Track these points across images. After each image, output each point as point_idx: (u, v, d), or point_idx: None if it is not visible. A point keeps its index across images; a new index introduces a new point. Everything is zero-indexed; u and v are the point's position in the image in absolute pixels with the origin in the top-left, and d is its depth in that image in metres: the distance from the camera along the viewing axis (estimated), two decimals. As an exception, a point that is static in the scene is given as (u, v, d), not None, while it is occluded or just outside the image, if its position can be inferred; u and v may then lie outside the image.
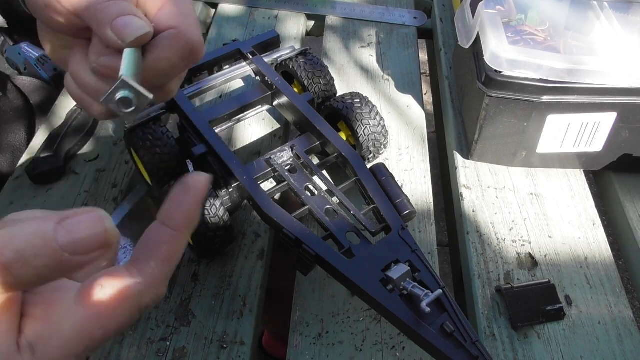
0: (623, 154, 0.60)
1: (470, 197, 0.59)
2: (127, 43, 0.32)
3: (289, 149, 0.53)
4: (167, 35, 0.34)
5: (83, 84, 0.36)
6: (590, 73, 0.53)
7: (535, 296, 0.50)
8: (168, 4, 0.35)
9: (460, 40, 0.63)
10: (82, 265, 0.22)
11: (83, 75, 0.36)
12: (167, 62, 0.34)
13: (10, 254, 0.21)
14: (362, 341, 0.48)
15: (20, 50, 0.91)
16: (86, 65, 0.36)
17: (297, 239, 0.44)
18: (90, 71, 0.35)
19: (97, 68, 0.34)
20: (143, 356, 0.47)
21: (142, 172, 0.56)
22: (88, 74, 0.36)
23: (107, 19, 0.32)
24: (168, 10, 0.34)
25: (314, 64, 0.61)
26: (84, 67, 0.36)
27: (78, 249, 0.21)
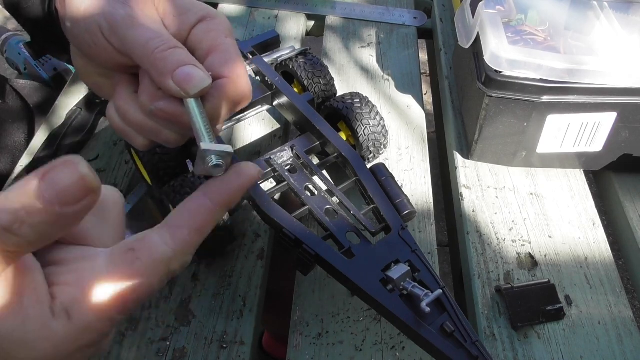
0: (623, 154, 0.60)
1: (470, 197, 0.59)
2: (190, 95, 0.33)
3: (289, 149, 0.53)
4: (221, 85, 0.34)
5: (130, 120, 0.37)
6: (590, 73, 0.53)
7: (535, 296, 0.50)
8: (218, 50, 0.35)
9: (460, 40, 0.63)
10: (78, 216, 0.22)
11: (131, 112, 0.37)
12: (222, 110, 0.35)
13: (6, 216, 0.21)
14: (362, 341, 0.48)
15: (20, 51, 0.91)
16: (134, 102, 0.37)
17: (297, 239, 0.44)
18: (138, 108, 0.36)
19: (155, 112, 0.35)
20: (143, 356, 0.47)
21: (142, 172, 0.56)
22: (136, 111, 0.37)
23: (168, 69, 0.33)
24: (219, 58, 0.35)
25: (314, 64, 0.61)
26: (131, 104, 0.37)
27: (64, 200, 0.21)
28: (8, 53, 0.94)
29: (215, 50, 0.35)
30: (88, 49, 0.36)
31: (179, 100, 0.34)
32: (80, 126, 0.64)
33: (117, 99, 0.38)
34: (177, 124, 0.35)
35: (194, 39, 0.36)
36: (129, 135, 0.38)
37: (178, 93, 0.33)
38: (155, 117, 0.35)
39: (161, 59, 0.33)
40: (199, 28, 0.36)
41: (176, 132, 0.37)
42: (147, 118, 0.36)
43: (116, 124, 0.38)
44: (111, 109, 0.38)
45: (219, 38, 0.36)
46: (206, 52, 0.35)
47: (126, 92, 0.37)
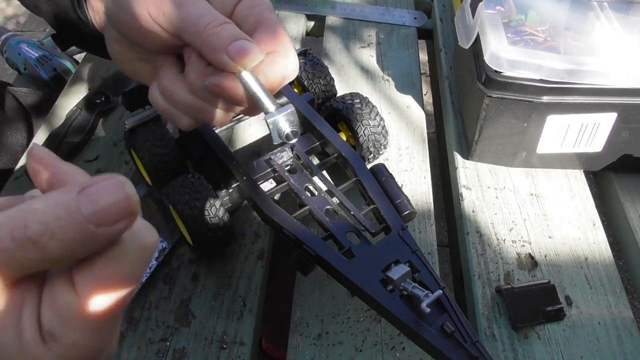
0: (623, 154, 0.60)
1: (470, 198, 0.59)
2: (247, 69, 0.34)
3: (288, 149, 0.53)
4: (272, 59, 0.35)
5: (177, 100, 0.37)
6: (590, 73, 0.53)
7: (535, 296, 0.50)
8: (265, 25, 0.36)
9: (460, 40, 0.63)
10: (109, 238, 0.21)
11: (178, 92, 0.37)
12: (272, 84, 0.36)
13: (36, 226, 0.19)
14: (362, 341, 0.48)
15: (20, 51, 0.91)
16: (180, 82, 0.37)
17: (297, 239, 0.44)
18: (185, 88, 0.37)
19: (210, 87, 0.35)
20: (143, 356, 0.47)
21: (142, 172, 0.56)
22: (184, 91, 0.37)
23: (222, 44, 0.33)
24: (266, 32, 0.36)
25: (314, 64, 0.61)
26: (178, 84, 0.37)
27: (102, 218, 0.20)
28: (8, 53, 0.94)
29: (261, 25, 0.36)
30: (134, 33, 0.36)
31: (232, 75, 0.35)
32: (80, 126, 0.64)
33: (163, 79, 0.38)
34: (229, 99, 0.36)
35: (239, 15, 0.36)
36: (175, 115, 0.39)
37: (234, 67, 0.33)
38: (210, 92, 0.36)
39: (214, 34, 0.33)
40: (243, 4, 0.37)
41: (223, 109, 0.38)
42: (194, 97, 0.37)
43: (161, 105, 0.39)
44: (155, 91, 0.39)
45: (264, 13, 0.36)
46: (253, 26, 0.36)
47: (172, 73, 0.38)
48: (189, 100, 0.37)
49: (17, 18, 2.32)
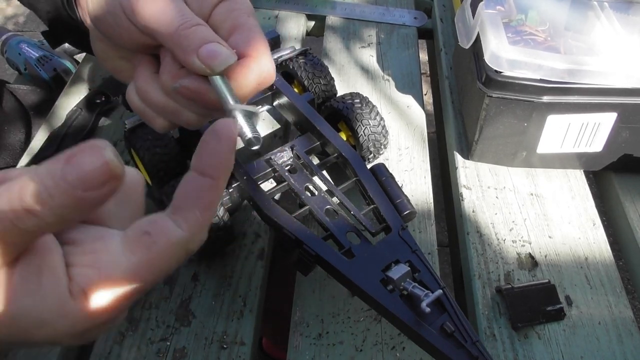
0: (623, 154, 0.60)
1: (470, 197, 0.59)
2: (215, 72, 0.33)
3: (289, 149, 0.53)
4: (245, 64, 0.34)
5: (151, 100, 0.37)
6: (590, 73, 0.53)
7: (535, 296, 0.50)
8: (242, 29, 0.35)
9: (460, 40, 0.63)
10: (99, 201, 0.22)
11: (152, 93, 0.37)
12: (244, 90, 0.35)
13: (29, 198, 0.21)
14: (362, 341, 0.48)
15: (20, 51, 0.91)
16: (155, 82, 0.37)
17: (297, 239, 0.44)
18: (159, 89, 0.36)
19: (179, 89, 0.35)
20: (143, 356, 0.47)
21: (142, 172, 0.56)
22: (157, 92, 0.37)
23: (192, 46, 0.33)
24: (242, 37, 0.35)
25: (314, 64, 0.61)
26: (152, 85, 0.37)
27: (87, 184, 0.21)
28: (8, 53, 0.94)
29: (238, 29, 0.35)
30: (110, 31, 0.36)
31: (203, 78, 0.34)
32: (80, 126, 0.64)
33: (138, 79, 0.38)
34: (200, 102, 0.36)
35: (217, 18, 0.36)
36: (149, 116, 0.38)
37: (203, 70, 0.33)
38: (180, 95, 0.35)
39: (185, 36, 0.33)
40: (221, 7, 0.36)
41: (197, 113, 0.37)
42: (168, 98, 0.36)
43: (136, 105, 0.38)
44: (131, 90, 0.38)
45: (241, 17, 0.36)
46: (229, 31, 0.35)
47: (147, 73, 0.37)
48: (163, 102, 0.37)
49: (17, 18, 2.32)
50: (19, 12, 2.34)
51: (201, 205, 0.27)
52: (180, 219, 0.26)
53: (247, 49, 0.35)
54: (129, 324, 0.49)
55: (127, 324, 0.49)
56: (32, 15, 2.30)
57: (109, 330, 0.26)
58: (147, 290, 0.26)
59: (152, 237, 0.25)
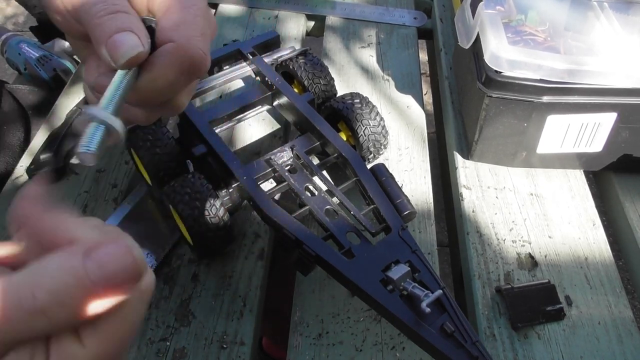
0: (623, 154, 0.60)
1: (470, 198, 0.59)
2: (118, 65, 0.30)
3: (289, 149, 0.53)
4: (165, 51, 0.31)
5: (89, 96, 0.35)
6: (590, 73, 0.53)
7: (535, 296, 0.50)
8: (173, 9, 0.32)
9: (460, 40, 0.63)
10: (115, 299, 0.20)
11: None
12: (164, 80, 0.31)
13: (45, 296, 0.18)
14: (362, 341, 0.48)
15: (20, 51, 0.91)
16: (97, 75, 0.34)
17: (297, 239, 0.44)
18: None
19: (94, 87, 0.32)
20: (143, 356, 0.47)
21: (142, 172, 0.56)
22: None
23: (103, 36, 0.30)
24: (171, 19, 0.31)
25: (314, 64, 0.61)
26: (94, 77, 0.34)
27: (111, 283, 0.19)
28: (8, 53, 0.94)
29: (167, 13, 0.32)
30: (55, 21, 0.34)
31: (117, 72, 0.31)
32: (80, 126, 0.64)
33: (85, 73, 0.35)
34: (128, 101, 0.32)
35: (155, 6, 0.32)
36: None
37: (109, 63, 0.30)
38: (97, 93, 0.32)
39: (98, 24, 0.30)
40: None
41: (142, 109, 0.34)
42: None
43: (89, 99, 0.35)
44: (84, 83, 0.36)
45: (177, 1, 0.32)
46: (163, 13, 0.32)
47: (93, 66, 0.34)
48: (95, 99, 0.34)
49: (17, 18, 2.32)
50: (19, 11, 2.34)
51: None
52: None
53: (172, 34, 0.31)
54: (129, 324, 0.49)
55: (127, 324, 0.49)
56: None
57: None
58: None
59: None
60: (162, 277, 0.52)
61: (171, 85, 0.32)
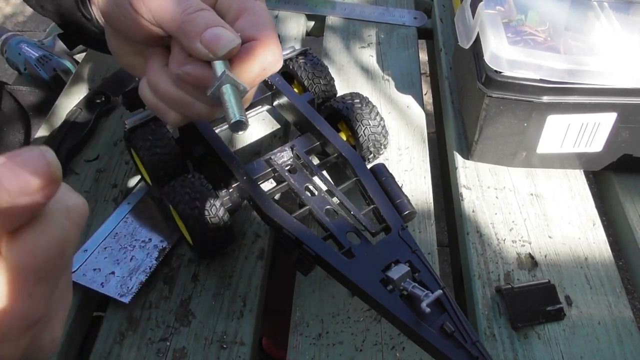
0: (623, 154, 0.60)
1: (470, 198, 0.59)
2: (218, 56, 0.33)
3: (289, 149, 0.53)
4: (250, 47, 0.34)
5: (161, 92, 0.36)
6: (590, 73, 0.53)
7: (535, 296, 0.50)
8: (248, 13, 0.35)
9: (460, 40, 0.63)
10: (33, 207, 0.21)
11: (162, 84, 0.36)
12: (252, 73, 0.34)
13: None
14: (362, 341, 0.48)
15: (21, 51, 0.91)
16: (165, 74, 0.36)
17: (297, 239, 0.44)
18: (169, 80, 0.36)
19: (182, 76, 0.34)
20: (143, 356, 0.47)
21: (142, 172, 0.56)
22: (167, 83, 0.36)
23: (195, 31, 0.32)
24: (249, 20, 0.34)
25: (314, 64, 0.61)
26: (162, 76, 0.36)
27: (25, 188, 0.20)
28: (8, 53, 0.94)
29: (245, 13, 0.35)
30: (119, 24, 0.36)
31: (207, 64, 0.33)
32: (80, 126, 0.64)
33: (149, 72, 0.37)
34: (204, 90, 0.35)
35: (224, 3, 0.35)
36: (161, 109, 0.38)
37: (206, 55, 0.33)
38: (184, 82, 0.35)
39: (189, 21, 0.33)
40: None
41: (208, 103, 0.37)
42: (178, 90, 0.36)
43: (148, 98, 0.38)
44: (143, 84, 0.38)
45: (248, 1, 0.35)
46: (236, 15, 0.35)
47: (158, 65, 0.37)
48: (173, 93, 0.36)
49: (16, 17, 2.32)
50: (19, 11, 2.34)
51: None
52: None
53: (254, 33, 0.34)
54: (128, 324, 0.49)
55: (127, 324, 0.49)
56: (32, 15, 2.30)
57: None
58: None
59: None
60: (162, 277, 0.52)
61: (255, 79, 0.35)
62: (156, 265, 0.52)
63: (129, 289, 0.50)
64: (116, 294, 0.49)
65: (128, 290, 0.50)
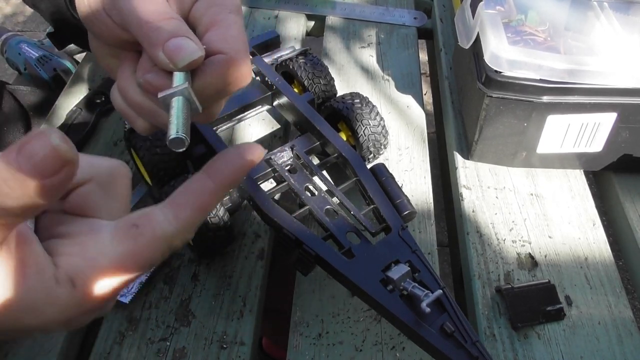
0: (623, 154, 0.60)
1: (470, 198, 0.59)
2: (178, 67, 0.32)
3: (289, 149, 0.53)
4: (216, 61, 0.33)
5: (130, 99, 0.36)
6: (590, 73, 0.53)
7: (535, 296, 0.50)
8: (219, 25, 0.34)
9: (460, 40, 0.63)
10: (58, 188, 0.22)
11: (130, 91, 0.36)
12: (213, 88, 0.33)
13: None
14: (362, 341, 0.48)
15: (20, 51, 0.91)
16: (134, 81, 0.36)
17: (297, 239, 0.44)
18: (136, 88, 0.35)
19: (143, 84, 0.34)
20: (143, 356, 0.47)
21: (142, 172, 0.56)
22: (135, 90, 0.36)
23: (160, 40, 0.32)
24: (219, 33, 0.34)
25: (314, 64, 0.61)
26: (131, 82, 0.36)
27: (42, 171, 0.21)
28: (8, 53, 0.94)
29: (215, 25, 0.34)
30: (93, 26, 0.36)
31: (168, 74, 0.33)
32: (80, 126, 0.64)
33: (119, 77, 0.37)
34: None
35: (196, 15, 0.35)
36: (130, 116, 0.37)
37: (167, 65, 0.32)
38: (145, 90, 0.34)
39: (154, 29, 0.32)
40: (201, 2, 0.35)
41: None
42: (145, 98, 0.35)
43: (118, 104, 0.37)
44: (114, 89, 0.38)
45: (221, 13, 0.34)
46: (206, 27, 0.34)
47: (128, 71, 0.36)
48: (139, 101, 0.35)
49: (16, 17, 2.32)
50: (19, 11, 2.34)
51: (195, 205, 0.28)
52: (171, 213, 0.27)
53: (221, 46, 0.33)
54: (128, 324, 0.49)
55: (127, 324, 0.49)
56: (32, 15, 2.30)
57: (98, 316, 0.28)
58: (132, 280, 0.27)
59: (140, 229, 0.26)
60: (162, 277, 0.52)
61: (217, 94, 0.34)
62: (156, 266, 0.52)
63: (129, 289, 0.50)
64: (116, 294, 0.49)
65: (128, 290, 0.50)
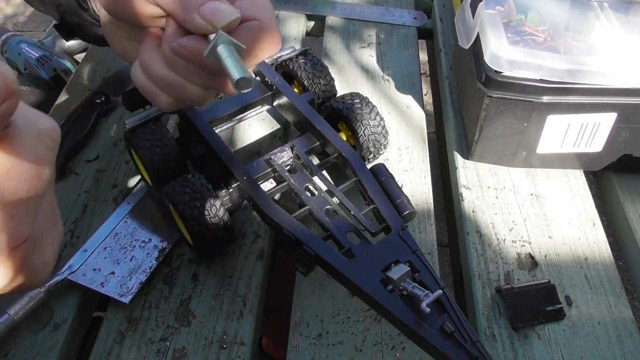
0: (623, 154, 0.60)
1: (470, 198, 0.59)
2: (217, 28, 0.32)
3: (289, 149, 0.53)
4: (251, 26, 0.33)
5: (153, 74, 0.36)
6: (590, 73, 0.53)
7: (535, 296, 0.50)
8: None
9: (460, 40, 0.63)
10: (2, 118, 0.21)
11: (154, 66, 0.36)
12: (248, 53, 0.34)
13: None
14: (362, 341, 0.48)
15: (21, 51, 0.91)
16: (158, 55, 0.36)
17: (297, 239, 0.44)
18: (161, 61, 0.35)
19: (177, 49, 0.34)
20: (143, 356, 0.47)
21: (142, 172, 0.56)
22: (160, 64, 0.35)
23: (194, 4, 0.32)
24: (248, 2, 0.34)
25: (314, 64, 0.61)
26: (155, 57, 0.36)
27: None
28: (8, 53, 0.94)
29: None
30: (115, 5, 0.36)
31: (202, 38, 0.33)
32: (80, 126, 0.64)
33: (142, 53, 0.37)
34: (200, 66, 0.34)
35: None
36: (153, 93, 0.37)
37: (205, 27, 0.32)
38: (179, 56, 0.34)
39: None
40: None
41: (200, 85, 0.36)
42: (170, 71, 0.35)
43: (140, 81, 0.37)
44: (135, 66, 0.37)
45: None
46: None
47: (151, 46, 0.36)
48: (165, 75, 0.35)
49: (16, 18, 2.32)
50: (19, 11, 2.34)
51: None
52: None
53: (253, 13, 0.34)
54: (128, 324, 0.49)
55: (127, 324, 0.49)
56: (32, 15, 2.30)
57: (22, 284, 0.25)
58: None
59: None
60: (162, 277, 0.52)
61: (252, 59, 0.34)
62: (156, 265, 0.52)
63: (129, 289, 0.50)
64: (116, 294, 0.49)
65: (128, 290, 0.50)
